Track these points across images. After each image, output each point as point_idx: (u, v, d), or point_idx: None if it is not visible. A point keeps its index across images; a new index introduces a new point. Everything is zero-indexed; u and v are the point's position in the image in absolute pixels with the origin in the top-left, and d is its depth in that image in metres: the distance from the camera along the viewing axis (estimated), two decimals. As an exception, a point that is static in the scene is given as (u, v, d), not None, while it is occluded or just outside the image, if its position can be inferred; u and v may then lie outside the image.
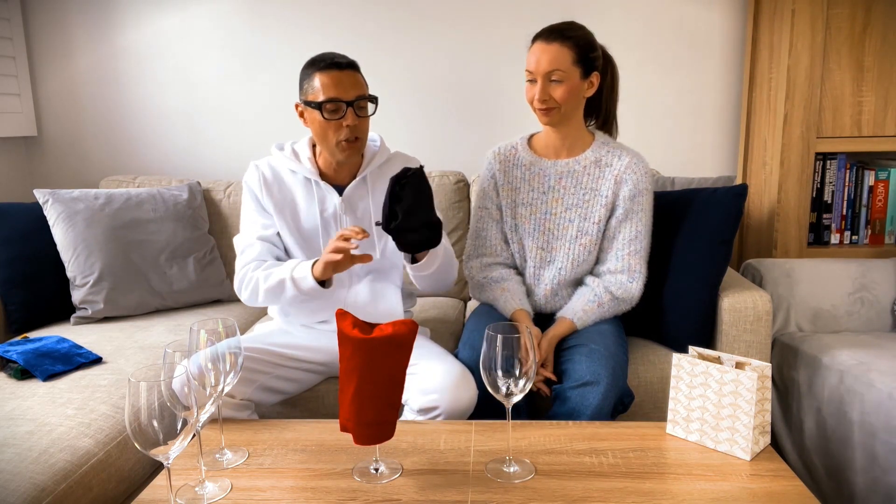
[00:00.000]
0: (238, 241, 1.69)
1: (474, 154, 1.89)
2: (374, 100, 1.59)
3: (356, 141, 1.59)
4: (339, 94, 1.54)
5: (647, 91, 2.54)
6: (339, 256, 1.45)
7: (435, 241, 1.47)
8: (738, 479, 1.17)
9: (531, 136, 1.81)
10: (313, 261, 1.54)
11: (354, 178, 1.68)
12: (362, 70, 1.61)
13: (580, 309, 1.70)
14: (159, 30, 2.59)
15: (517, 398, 1.16)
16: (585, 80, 1.65)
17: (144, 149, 2.68)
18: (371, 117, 1.62)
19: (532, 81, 1.64)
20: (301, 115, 1.63)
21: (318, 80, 1.55)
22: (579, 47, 1.61)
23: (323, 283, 1.54)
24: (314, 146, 1.70)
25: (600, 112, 1.79)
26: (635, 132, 2.57)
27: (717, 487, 1.14)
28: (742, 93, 2.49)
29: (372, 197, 1.68)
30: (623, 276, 1.71)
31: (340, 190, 1.67)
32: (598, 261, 1.77)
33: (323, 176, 1.68)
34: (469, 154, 2.48)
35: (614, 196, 1.70)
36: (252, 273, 1.62)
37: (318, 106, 1.55)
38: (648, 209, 1.72)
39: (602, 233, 1.73)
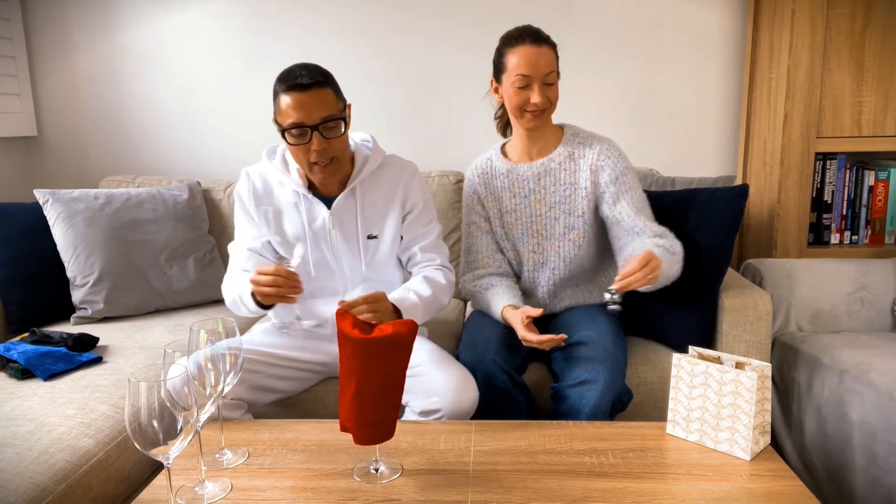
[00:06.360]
0: (230, 249, 1.69)
1: (474, 153, 1.89)
2: (343, 118, 1.50)
3: (331, 162, 1.52)
4: (301, 119, 1.45)
5: (647, 91, 2.54)
6: (266, 290, 1.42)
7: None
8: (738, 479, 1.17)
9: (503, 146, 1.82)
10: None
11: (344, 187, 1.61)
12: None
13: (651, 245, 1.55)
14: (159, 30, 2.59)
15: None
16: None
17: (144, 149, 2.68)
18: (346, 130, 1.53)
19: (525, 87, 1.62)
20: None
21: (283, 101, 1.46)
22: (555, 46, 1.66)
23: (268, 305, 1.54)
24: None
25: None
26: (635, 132, 2.57)
27: (717, 487, 1.14)
28: (742, 93, 2.49)
29: (360, 208, 1.62)
30: (660, 240, 1.60)
31: (329, 201, 1.61)
32: (618, 252, 1.69)
33: (312, 187, 1.63)
34: (469, 153, 2.46)
35: (594, 185, 1.69)
36: (227, 281, 1.63)
37: (282, 131, 1.49)
38: (636, 185, 1.70)
39: (589, 227, 1.71)
